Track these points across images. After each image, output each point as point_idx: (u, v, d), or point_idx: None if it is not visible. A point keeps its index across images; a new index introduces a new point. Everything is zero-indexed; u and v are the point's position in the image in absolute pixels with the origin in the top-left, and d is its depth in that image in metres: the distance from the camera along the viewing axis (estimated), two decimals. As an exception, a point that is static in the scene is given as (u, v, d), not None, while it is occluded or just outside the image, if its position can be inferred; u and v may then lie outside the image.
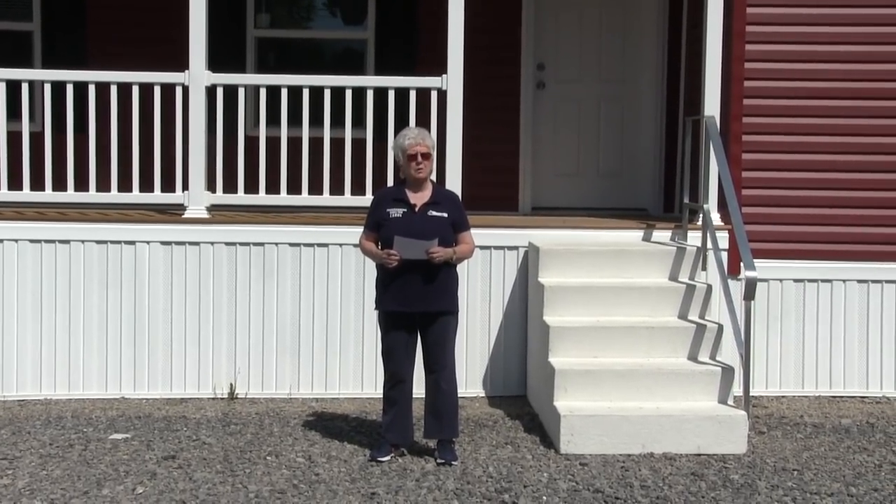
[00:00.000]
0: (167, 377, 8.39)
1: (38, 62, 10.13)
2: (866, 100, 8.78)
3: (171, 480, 6.40)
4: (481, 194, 9.02)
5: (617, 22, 10.33)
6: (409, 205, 6.76)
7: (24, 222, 8.34)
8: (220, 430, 7.50)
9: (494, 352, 8.56)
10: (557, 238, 8.49)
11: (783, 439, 7.55)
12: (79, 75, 8.46)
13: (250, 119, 9.59)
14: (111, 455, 6.89)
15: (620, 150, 10.42)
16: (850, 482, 6.61)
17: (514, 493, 6.24)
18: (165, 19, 9.45)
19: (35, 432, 7.40)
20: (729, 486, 6.46)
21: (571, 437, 7.01)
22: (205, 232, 8.39)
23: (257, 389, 8.44)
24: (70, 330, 8.33)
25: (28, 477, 6.43)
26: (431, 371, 6.84)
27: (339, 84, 8.55)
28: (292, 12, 10.75)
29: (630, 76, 10.36)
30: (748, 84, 8.64)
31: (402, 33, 10.21)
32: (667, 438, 7.04)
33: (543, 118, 10.35)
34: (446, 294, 6.78)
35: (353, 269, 8.42)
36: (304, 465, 6.74)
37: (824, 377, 8.88)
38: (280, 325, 8.44)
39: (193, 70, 8.35)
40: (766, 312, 8.80)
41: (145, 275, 8.35)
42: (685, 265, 8.20)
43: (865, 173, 8.81)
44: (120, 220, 8.42)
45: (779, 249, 8.78)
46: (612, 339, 7.62)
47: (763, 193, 8.77)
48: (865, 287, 8.86)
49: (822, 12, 8.76)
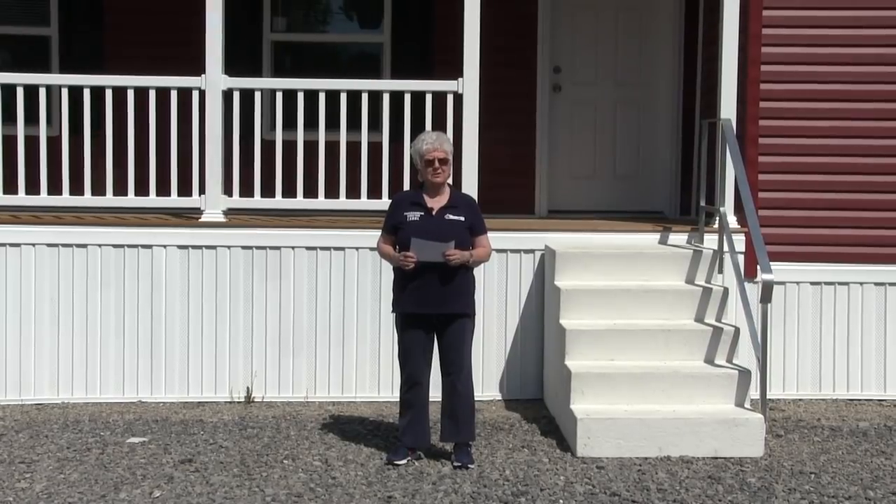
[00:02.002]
0: (184, 381, 8.41)
1: (55, 67, 10.16)
2: (884, 102, 8.74)
3: (188, 484, 6.41)
4: (497, 197, 9.01)
5: (633, 24, 10.32)
6: (427, 208, 6.76)
7: (42, 226, 8.38)
8: (237, 433, 7.52)
9: (511, 355, 8.56)
10: (573, 241, 8.49)
11: (800, 442, 7.53)
12: (96, 80, 8.50)
13: (266, 123, 9.59)
14: (128, 459, 6.91)
15: (636, 153, 10.41)
16: (868, 486, 6.58)
17: (530, 497, 6.23)
18: (182, 23, 9.48)
19: (53, 436, 7.43)
20: (746, 489, 6.44)
21: (588, 440, 7.00)
22: (221, 235, 8.42)
23: (274, 393, 8.46)
24: (87, 334, 8.36)
25: (46, 480, 6.46)
26: (448, 374, 6.84)
27: (355, 88, 8.56)
28: (308, 16, 10.77)
29: (646, 78, 10.34)
30: (765, 86, 8.62)
31: (417, 36, 10.22)
32: (683, 441, 7.02)
33: (559, 121, 10.35)
34: (463, 296, 6.79)
35: (369, 273, 8.42)
36: (320, 468, 6.75)
37: (841, 380, 8.85)
38: (297, 329, 8.45)
39: (210, 74, 8.37)
40: (782, 315, 8.77)
41: (162, 278, 8.37)
42: (701, 268, 8.18)
43: (883, 175, 8.77)
44: (137, 223, 8.45)
45: (795, 252, 8.75)
46: (628, 341, 7.61)
47: (780, 196, 8.75)
48: (883, 290, 8.82)
49: (840, 14, 8.73)
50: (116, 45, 10.07)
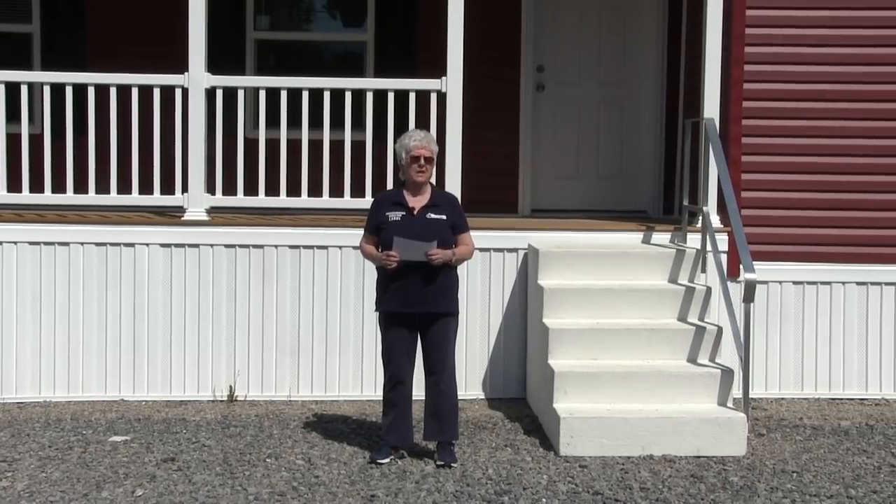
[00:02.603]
0: (167, 379, 8.39)
1: (37, 64, 10.13)
2: (866, 102, 8.78)
3: (170, 483, 6.39)
4: (481, 196, 9.00)
5: (616, 24, 10.34)
6: (408, 208, 6.76)
7: (24, 224, 8.34)
8: (220, 432, 7.50)
9: (494, 354, 8.56)
10: (557, 240, 8.49)
11: (782, 441, 7.55)
12: (78, 77, 8.47)
13: (250, 121, 9.59)
14: (110, 457, 6.89)
15: (620, 153, 10.43)
16: (850, 484, 6.61)
17: (513, 496, 6.24)
18: (165, 21, 9.46)
19: (34, 434, 7.40)
20: (728, 488, 6.46)
21: (571, 439, 7.01)
22: (204, 234, 8.40)
23: (257, 391, 8.44)
24: (69, 332, 8.33)
25: (27, 479, 6.43)
26: (431, 373, 6.84)
27: (339, 86, 8.55)
28: (292, 15, 10.75)
29: (629, 78, 10.36)
30: (748, 86, 8.64)
31: (401, 35, 10.21)
32: (666, 440, 7.04)
33: (543, 120, 10.35)
34: (446, 295, 6.79)
35: (352, 271, 8.42)
36: (303, 467, 6.74)
37: (823, 379, 8.88)
38: (280, 328, 8.44)
39: (193, 72, 8.35)
40: (765, 314, 8.80)
41: (145, 277, 8.35)
42: (685, 267, 8.20)
43: (865, 175, 8.81)
44: (119, 222, 8.42)
45: (778, 252, 8.78)
46: (611, 341, 7.62)
47: (762, 196, 8.78)
48: (865, 289, 8.86)
49: (824, 14, 8.76)
50: (99, 43, 10.02)
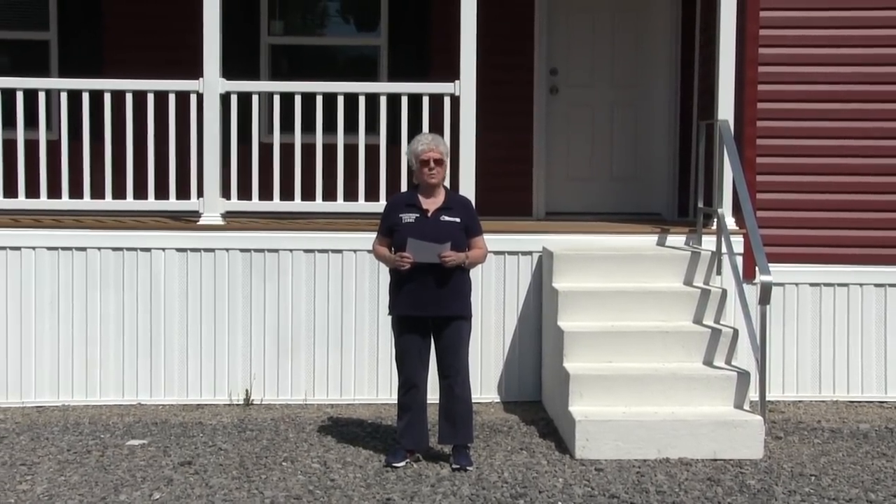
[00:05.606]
0: (183, 383, 8.42)
1: (54, 71, 10.18)
2: (881, 103, 8.75)
3: (187, 486, 6.42)
4: (495, 199, 9.01)
5: (629, 26, 10.34)
6: (422, 210, 6.77)
7: (42, 230, 8.39)
8: (236, 435, 7.52)
9: (509, 357, 8.56)
10: (571, 243, 8.49)
11: (800, 444, 7.53)
12: (94, 83, 8.51)
13: (264, 126, 9.62)
14: (128, 461, 6.92)
15: (634, 155, 10.42)
16: (869, 488, 6.57)
17: (529, 499, 6.23)
18: (180, 27, 9.49)
19: (53, 438, 7.44)
20: (745, 491, 6.44)
21: (586, 442, 7.00)
22: (220, 238, 8.42)
23: (272, 395, 8.46)
24: (87, 336, 8.37)
25: (46, 483, 6.47)
26: (445, 376, 6.84)
27: (353, 90, 8.57)
28: (306, 19, 10.78)
29: (643, 80, 10.35)
30: (762, 87, 8.62)
31: (414, 39, 10.23)
32: (682, 443, 7.02)
33: (556, 123, 10.35)
34: (459, 298, 6.79)
35: (367, 275, 8.43)
36: (319, 470, 6.75)
37: (842, 382, 8.84)
38: (295, 331, 8.46)
39: (208, 78, 8.38)
40: (781, 317, 8.77)
41: (161, 281, 8.38)
42: (700, 269, 8.18)
43: (883, 176, 8.77)
44: (135, 227, 8.46)
45: (794, 253, 8.75)
46: (626, 343, 7.61)
47: (778, 197, 8.75)
48: (883, 291, 8.81)
49: (838, 15, 8.74)
50: (115, 49, 10.08)
